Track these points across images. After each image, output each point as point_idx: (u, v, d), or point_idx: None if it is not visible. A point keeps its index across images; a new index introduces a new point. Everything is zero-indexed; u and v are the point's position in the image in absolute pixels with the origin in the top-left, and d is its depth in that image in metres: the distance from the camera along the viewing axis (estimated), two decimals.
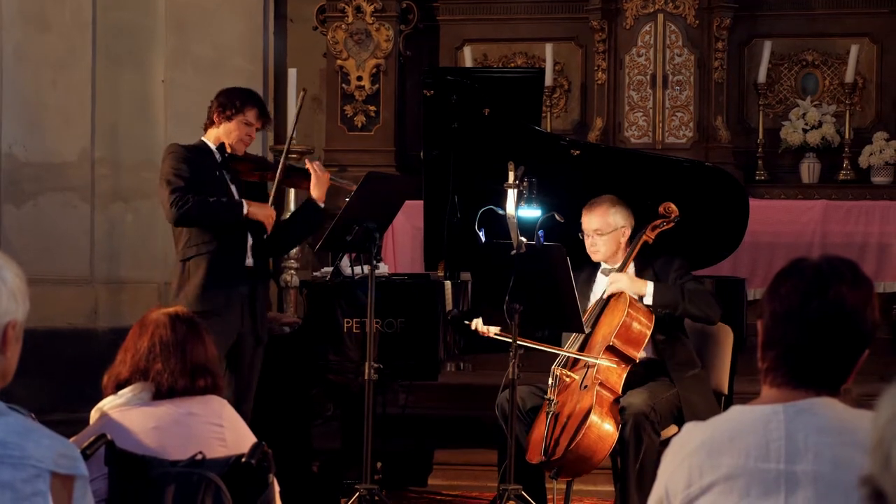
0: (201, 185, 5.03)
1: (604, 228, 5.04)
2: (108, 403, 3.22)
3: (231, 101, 5.11)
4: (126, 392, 3.20)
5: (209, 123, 5.18)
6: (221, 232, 5.04)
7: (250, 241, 5.12)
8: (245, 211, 5.04)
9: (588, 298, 5.09)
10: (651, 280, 4.95)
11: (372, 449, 4.92)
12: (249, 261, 5.13)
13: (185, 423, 3.15)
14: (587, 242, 5.08)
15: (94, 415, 3.26)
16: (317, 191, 5.19)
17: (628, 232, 5.08)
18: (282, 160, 5.19)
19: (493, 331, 4.96)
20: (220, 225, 5.03)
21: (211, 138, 5.17)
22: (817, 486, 2.04)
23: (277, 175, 5.17)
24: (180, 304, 5.06)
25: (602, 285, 5.07)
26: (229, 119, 5.11)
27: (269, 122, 5.31)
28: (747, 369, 4.89)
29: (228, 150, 5.13)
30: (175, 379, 3.19)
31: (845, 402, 2.11)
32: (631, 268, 5.07)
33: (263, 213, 5.11)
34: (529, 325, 4.90)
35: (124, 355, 3.26)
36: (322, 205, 5.23)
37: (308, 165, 5.23)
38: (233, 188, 5.16)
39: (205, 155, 5.12)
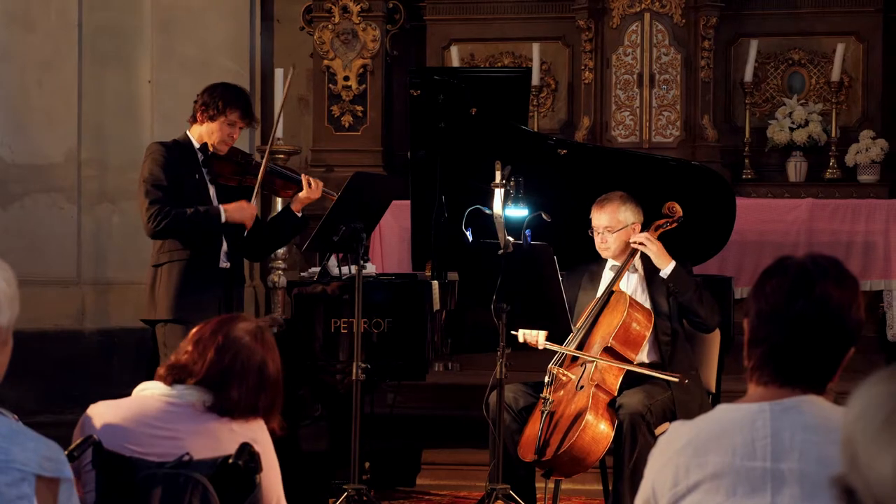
0: (180, 186, 5.02)
1: (614, 225, 5.04)
2: (157, 389, 3.04)
3: (214, 102, 5.06)
4: (182, 388, 3.02)
5: (193, 120, 5.15)
6: (197, 240, 5.02)
7: (224, 245, 5.10)
8: (223, 219, 5.02)
9: (594, 295, 5.08)
10: (661, 285, 5.00)
11: (360, 449, 4.92)
12: (225, 263, 5.12)
13: (217, 436, 3.02)
14: (597, 239, 5.08)
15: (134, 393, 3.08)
16: (297, 203, 5.21)
17: (638, 229, 5.08)
18: (263, 163, 5.17)
19: (542, 341, 4.95)
20: (197, 236, 5.02)
21: (195, 135, 5.14)
22: (803, 484, 2.04)
23: (258, 178, 5.14)
24: (153, 310, 5.05)
25: (608, 282, 5.07)
26: (212, 119, 5.07)
27: (253, 122, 5.26)
28: (734, 368, 4.91)
29: (210, 150, 5.12)
30: (240, 408, 3.10)
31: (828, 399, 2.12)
32: (640, 268, 5.08)
33: (242, 214, 5.09)
34: (517, 324, 4.90)
35: (197, 357, 3.05)
36: (300, 215, 5.24)
37: (304, 178, 5.23)
38: (212, 189, 5.13)
39: (186, 153, 5.09)
